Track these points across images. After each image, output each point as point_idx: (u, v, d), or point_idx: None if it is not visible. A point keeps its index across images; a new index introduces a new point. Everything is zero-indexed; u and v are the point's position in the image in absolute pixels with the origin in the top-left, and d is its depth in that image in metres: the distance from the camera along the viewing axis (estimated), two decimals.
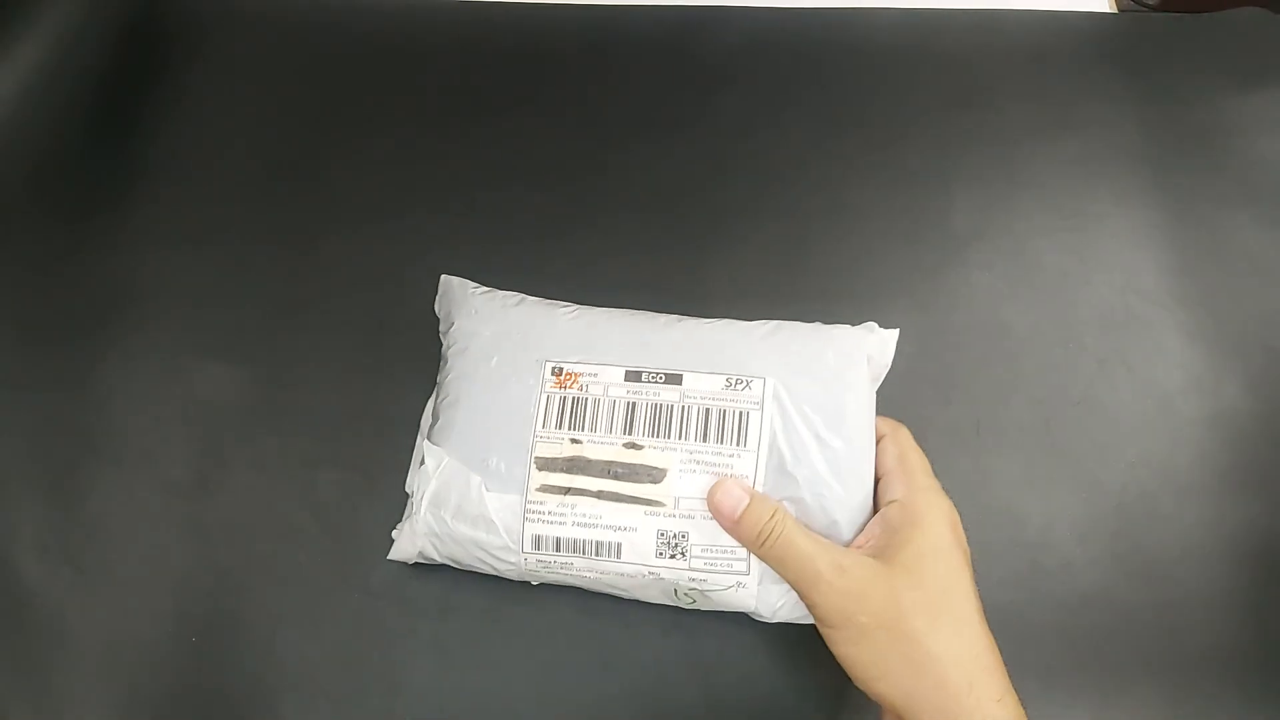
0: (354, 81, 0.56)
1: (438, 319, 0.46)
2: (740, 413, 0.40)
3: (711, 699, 0.42)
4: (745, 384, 0.40)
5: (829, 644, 0.36)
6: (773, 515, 0.37)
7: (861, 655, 0.35)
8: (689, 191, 0.52)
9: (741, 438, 0.39)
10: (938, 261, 0.51)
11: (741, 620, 0.42)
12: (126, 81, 0.56)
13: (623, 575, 0.40)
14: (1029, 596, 0.43)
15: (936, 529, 0.37)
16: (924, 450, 0.40)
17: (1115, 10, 0.60)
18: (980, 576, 0.41)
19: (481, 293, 0.45)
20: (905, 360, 0.48)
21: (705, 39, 0.57)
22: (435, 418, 0.43)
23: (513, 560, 0.40)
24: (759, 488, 0.39)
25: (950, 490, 0.39)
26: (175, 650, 0.42)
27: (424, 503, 0.41)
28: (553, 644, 0.43)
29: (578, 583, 0.41)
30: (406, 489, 0.44)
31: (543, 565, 0.40)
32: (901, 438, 0.41)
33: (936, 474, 0.40)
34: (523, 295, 0.45)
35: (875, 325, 0.43)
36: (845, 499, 0.39)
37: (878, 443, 0.40)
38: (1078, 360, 0.48)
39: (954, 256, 0.51)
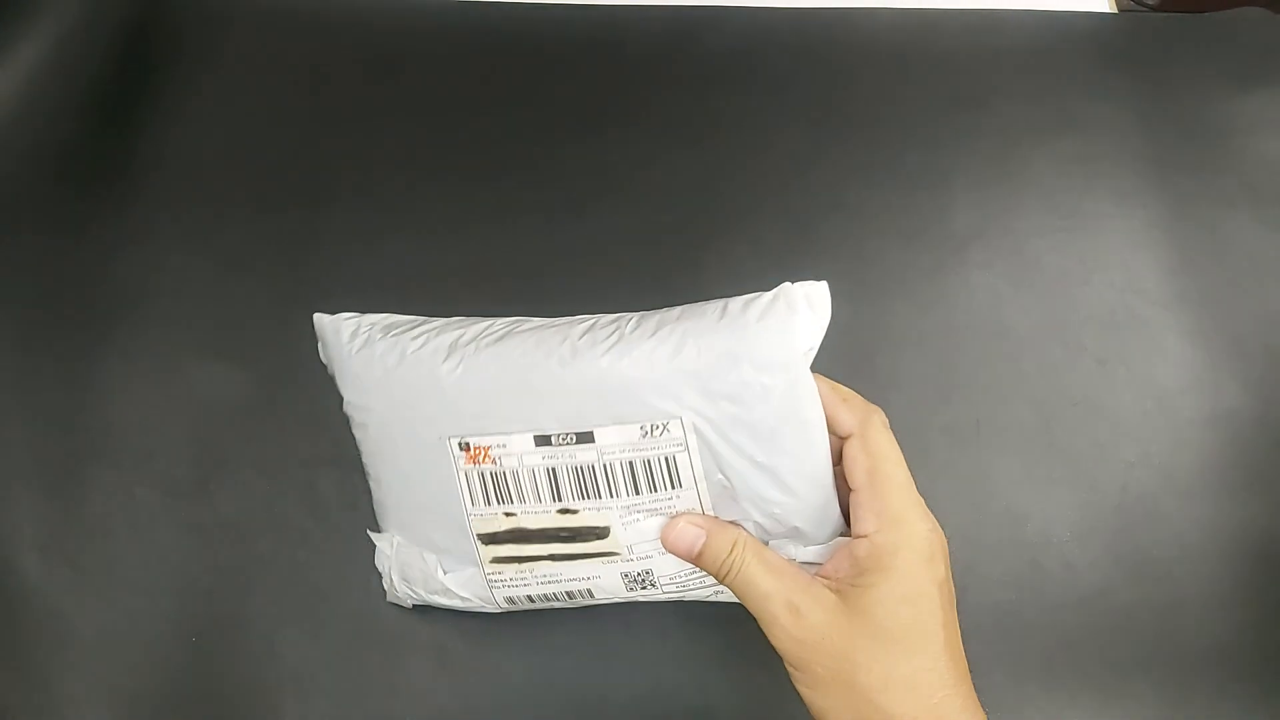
0: (354, 81, 0.56)
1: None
2: (665, 458, 0.37)
3: (711, 698, 0.42)
4: (662, 428, 0.36)
5: (790, 678, 0.35)
6: (731, 549, 0.36)
7: (816, 700, 0.34)
8: (688, 191, 0.52)
9: (675, 480, 0.37)
10: (938, 261, 0.51)
11: (742, 618, 0.42)
12: (126, 81, 0.56)
13: (604, 605, 0.41)
14: (1029, 596, 0.43)
15: (907, 572, 0.34)
16: (924, 450, 0.40)
17: (1115, 10, 0.60)
18: (980, 576, 0.41)
19: (357, 350, 0.40)
20: (905, 360, 0.48)
21: (705, 39, 0.57)
22: (372, 494, 0.42)
23: (495, 611, 0.41)
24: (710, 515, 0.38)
25: (950, 490, 0.39)
26: (175, 650, 0.42)
27: (395, 580, 0.41)
28: (552, 644, 0.43)
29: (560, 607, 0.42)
30: (376, 564, 0.42)
31: (525, 609, 0.41)
32: (872, 437, 0.36)
33: (936, 473, 0.40)
34: (396, 337, 0.39)
35: (789, 284, 0.37)
36: (802, 506, 0.37)
37: (845, 442, 0.36)
38: (1078, 360, 0.48)
39: (954, 256, 0.51)
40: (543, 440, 0.37)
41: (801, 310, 0.36)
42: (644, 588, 0.39)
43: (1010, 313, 0.49)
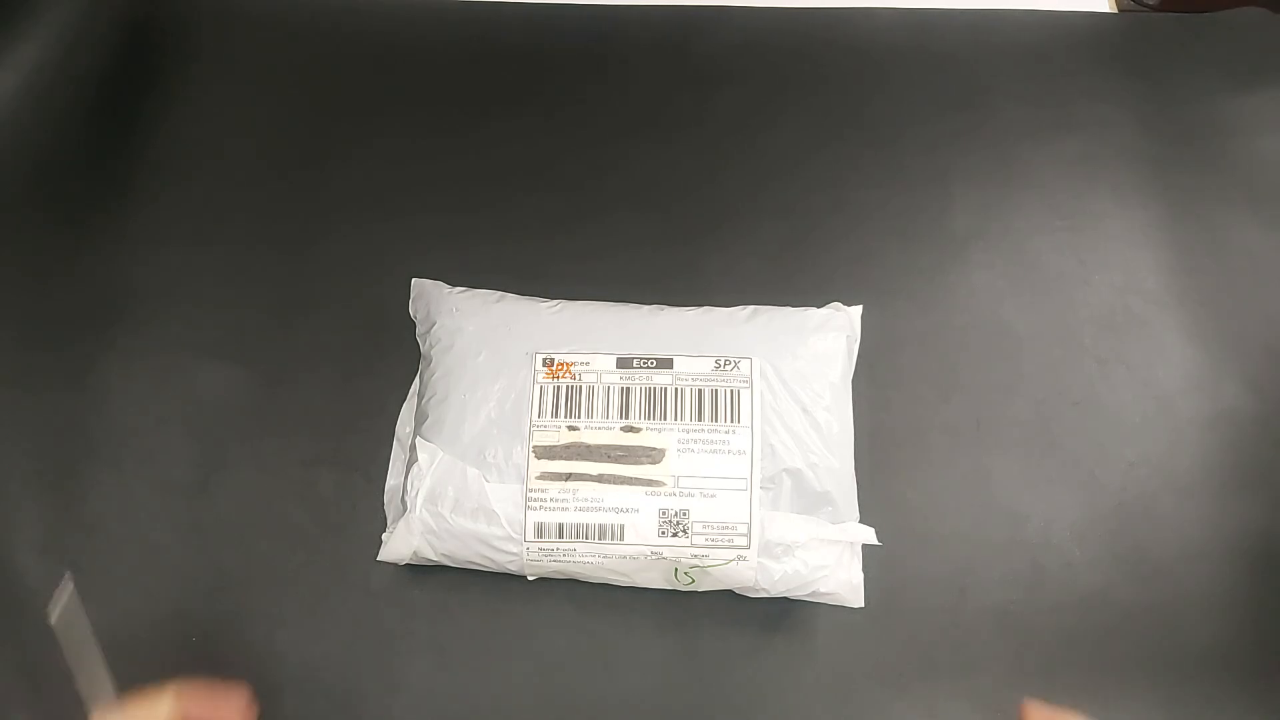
0: (354, 81, 0.56)
1: (414, 322, 0.47)
2: (732, 391, 0.41)
3: (711, 697, 0.42)
4: (734, 364, 0.42)
5: None
6: None
7: None
8: (688, 191, 0.52)
9: (735, 415, 0.41)
10: (938, 261, 0.51)
11: (741, 618, 0.42)
12: (126, 81, 0.56)
13: (625, 558, 0.41)
14: (1029, 596, 0.43)
15: None
16: (924, 450, 0.40)
17: (1115, 10, 0.60)
18: (980, 576, 0.41)
19: (459, 291, 0.46)
20: (906, 360, 0.48)
21: (705, 39, 0.57)
22: (424, 416, 0.43)
23: (514, 551, 0.41)
24: (756, 464, 0.40)
25: (950, 490, 0.39)
26: (175, 650, 0.42)
27: (419, 500, 0.41)
28: (552, 643, 0.43)
29: (578, 571, 0.42)
30: (386, 494, 0.44)
31: (545, 554, 0.41)
32: None
33: (936, 473, 0.40)
34: (502, 292, 0.46)
35: (840, 305, 0.45)
36: (836, 469, 0.41)
37: None
38: (1078, 360, 0.48)
39: (954, 256, 0.51)
40: (624, 362, 0.42)
41: (845, 320, 0.45)
42: (675, 534, 0.40)
43: (1010, 313, 0.49)
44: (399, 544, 0.42)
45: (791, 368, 0.42)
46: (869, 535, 0.41)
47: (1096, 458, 0.46)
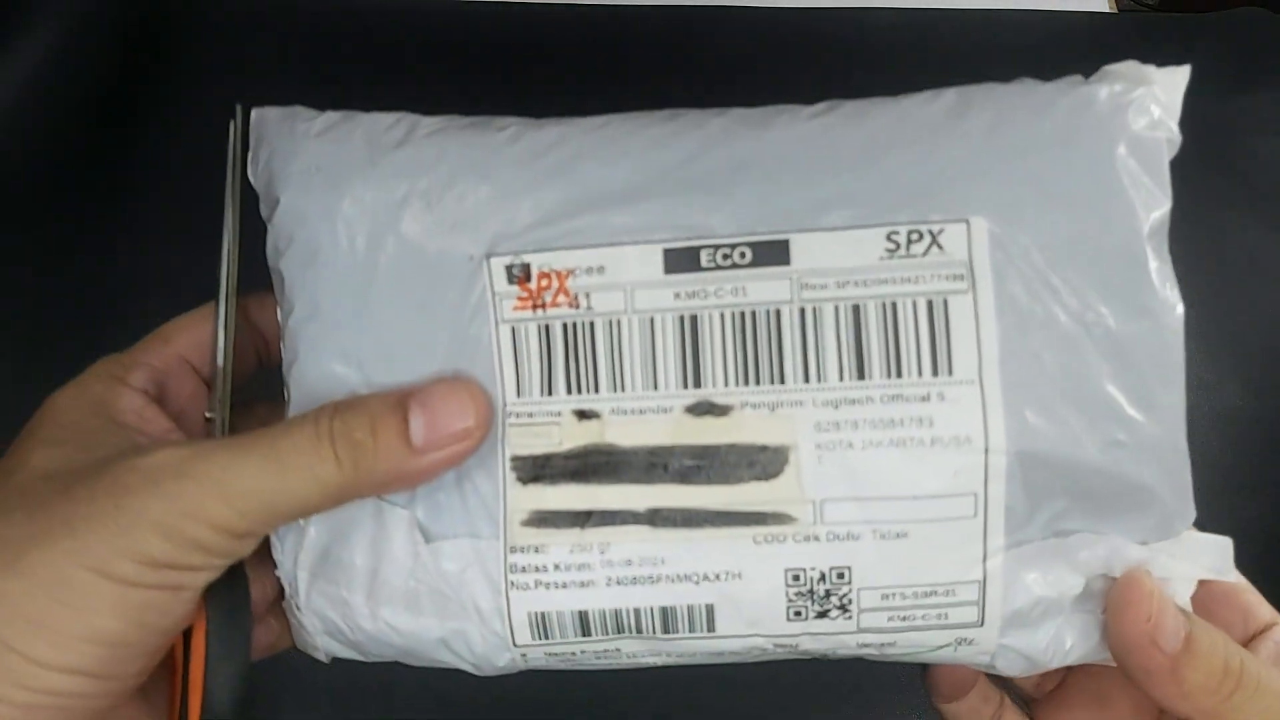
0: (354, 81, 0.56)
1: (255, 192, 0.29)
2: (929, 303, 0.20)
3: (711, 697, 0.42)
4: (929, 237, 0.20)
5: None
6: (1230, 652, 0.21)
7: None
8: None
9: (940, 354, 0.20)
10: None
11: None
12: (126, 81, 0.56)
13: (720, 654, 0.23)
14: None
15: None
16: None
17: (1115, 10, 0.59)
18: None
19: (326, 128, 0.27)
20: None
21: (705, 39, 0.57)
22: (286, 394, 0.24)
23: (499, 663, 0.24)
24: (998, 460, 0.21)
25: None
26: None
27: (300, 576, 0.23)
28: None
29: (630, 666, 0.24)
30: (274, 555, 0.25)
31: (559, 659, 0.23)
32: None
33: None
34: (409, 118, 0.26)
35: (1137, 64, 0.25)
36: (1159, 436, 0.23)
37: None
38: None
39: None
40: (680, 257, 0.21)
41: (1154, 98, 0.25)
42: (823, 610, 0.21)
43: None
44: (303, 640, 0.24)
45: (1060, 231, 0.21)
46: (1224, 553, 0.24)
47: None
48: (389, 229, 0.22)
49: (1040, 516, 0.21)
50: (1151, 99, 0.26)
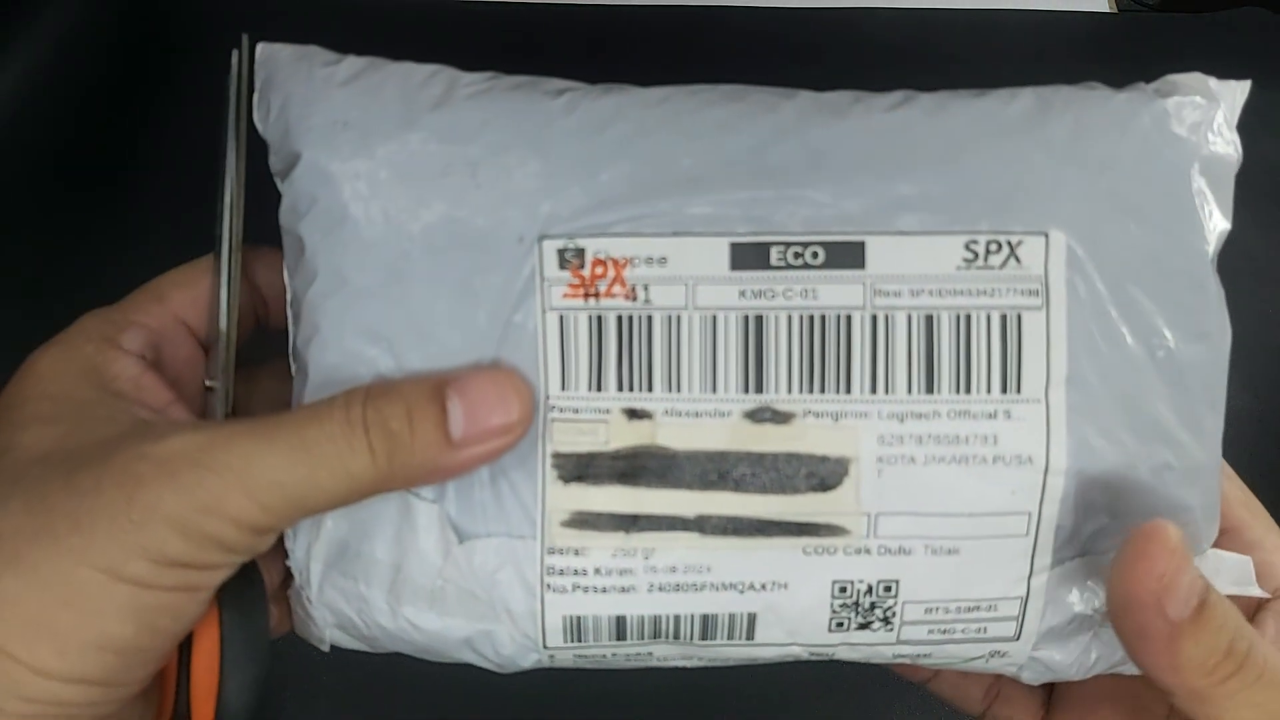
0: None
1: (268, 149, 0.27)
2: (1003, 318, 0.20)
3: (711, 696, 0.42)
4: (1007, 247, 0.20)
5: None
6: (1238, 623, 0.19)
7: None
8: None
9: (1009, 372, 0.20)
10: None
11: None
12: (126, 81, 0.56)
13: (754, 660, 0.23)
14: None
15: None
16: None
17: (1115, 10, 0.59)
18: None
19: (354, 75, 0.24)
20: None
21: (705, 39, 0.57)
22: (302, 375, 0.22)
23: (525, 664, 0.23)
24: (1055, 483, 0.20)
25: None
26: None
27: (314, 568, 0.22)
28: None
29: (657, 667, 0.24)
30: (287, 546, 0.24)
31: (588, 659, 0.23)
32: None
33: None
34: (447, 70, 0.23)
35: (1201, 76, 0.25)
36: (1201, 459, 0.21)
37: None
38: None
39: None
40: (748, 253, 0.20)
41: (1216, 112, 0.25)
42: (865, 621, 0.21)
43: None
44: (305, 628, 0.24)
45: (1136, 242, 0.21)
46: (1246, 570, 0.22)
47: None
48: (428, 199, 0.21)
49: (1082, 534, 0.21)
50: (1223, 117, 0.26)
